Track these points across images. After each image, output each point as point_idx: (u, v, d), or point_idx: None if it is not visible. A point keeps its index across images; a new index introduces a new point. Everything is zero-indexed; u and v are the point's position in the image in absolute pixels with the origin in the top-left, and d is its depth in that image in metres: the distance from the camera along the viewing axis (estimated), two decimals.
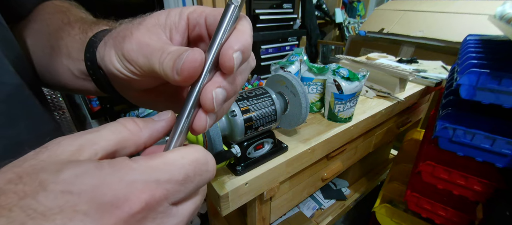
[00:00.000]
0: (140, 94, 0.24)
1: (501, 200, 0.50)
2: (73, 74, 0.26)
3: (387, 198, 0.91)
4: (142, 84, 0.21)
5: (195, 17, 0.19)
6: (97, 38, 0.23)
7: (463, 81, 0.47)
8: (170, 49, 0.16)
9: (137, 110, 1.74)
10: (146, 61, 0.17)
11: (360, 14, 3.02)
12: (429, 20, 1.35)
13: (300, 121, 0.53)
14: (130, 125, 0.15)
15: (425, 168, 0.60)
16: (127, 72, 0.19)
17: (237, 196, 0.47)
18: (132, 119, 0.16)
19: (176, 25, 0.19)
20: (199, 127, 0.17)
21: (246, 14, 1.85)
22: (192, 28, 0.19)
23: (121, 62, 0.19)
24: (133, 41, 0.18)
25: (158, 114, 0.17)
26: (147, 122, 0.16)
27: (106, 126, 0.15)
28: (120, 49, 0.18)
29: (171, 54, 0.16)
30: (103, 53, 0.20)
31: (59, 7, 0.30)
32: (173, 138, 0.16)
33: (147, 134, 0.16)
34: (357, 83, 0.62)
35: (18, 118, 0.23)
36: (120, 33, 0.19)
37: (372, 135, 0.84)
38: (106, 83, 0.24)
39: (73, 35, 0.26)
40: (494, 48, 0.63)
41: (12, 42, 0.24)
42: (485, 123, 0.51)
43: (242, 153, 0.48)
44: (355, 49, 1.66)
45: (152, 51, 0.17)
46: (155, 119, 0.17)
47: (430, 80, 0.90)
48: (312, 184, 0.71)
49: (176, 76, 0.16)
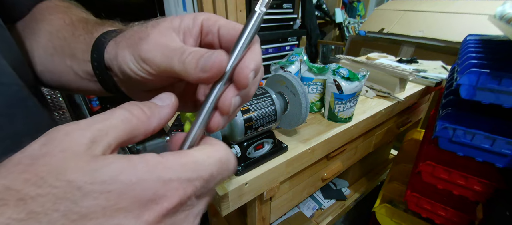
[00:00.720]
0: (146, 94, 0.24)
1: (501, 200, 0.50)
2: (76, 74, 0.26)
3: (387, 198, 0.91)
4: (152, 83, 0.21)
5: (209, 25, 0.20)
6: (106, 39, 0.23)
7: (463, 81, 0.47)
8: (190, 49, 0.18)
9: None
10: (165, 60, 0.18)
11: (360, 14, 3.02)
12: (429, 20, 1.35)
13: (300, 121, 0.53)
14: (137, 112, 0.15)
15: (425, 168, 0.60)
16: (142, 72, 0.19)
17: (237, 196, 0.47)
18: (137, 105, 0.16)
19: (190, 29, 0.20)
20: (215, 126, 0.18)
21: (246, 14, 1.85)
22: (205, 34, 0.20)
23: (136, 63, 0.19)
24: (150, 42, 0.18)
25: (160, 97, 0.17)
26: (153, 108, 0.16)
27: (113, 114, 0.14)
28: (137, 50, 0.19)
29: (193, 54, 0.17)
30: (115, 53, 0.21)
31: (59, 6, 0.30)
32: (193, 130, 0.17)
33: (155, 123, 0.16)
34: (357, 83, 0.62)
35: (17, 118, 0.22)
36: (134, 35, 0.20)
37: (372, 135, 0.84)
38: (112, 83, 0.24)
39: (77, 36, 0.26)
40: (494, 48, 0.63)
41: (10, 43, 0.24)
42: (485, 123, 0.51)
43: (242, 153, 0.48)
44: (355, 49, 1.66)
45: (171, 51, 0.18)
46: (158, 104, 0.17)
47: (430, 80, 0.90)
48: (312, 184, 0.71)
49: (201, 73, 0.17)
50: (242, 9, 1.82)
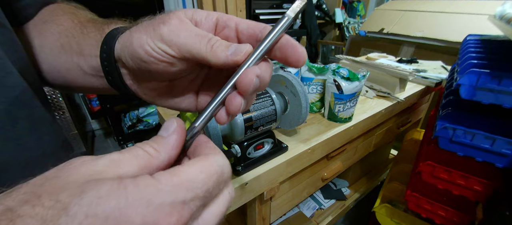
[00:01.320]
0: (150, 90, 0.24)
1: (501, 200, 0.50)
2: (82, 70, 0.27)
3: (387, 198, 0.91)
4: (160, 72, 0.21)
5: (224, 20, 0.21)
6: (119, 31, 0.23)
7: (463, 81, 0.47)
8: (216, 37, 0.19)
9: (137, 110, 1.74)
10: (190, 41, 0.19)
11: (360, 14, 3.02)
12: (429, 20, 1.35)
13: (300, 121, 0.53)
14: (148, 149, 0.15)
15: (425, 168, 0.60)
16: (158, 54, 0.20)
17: (237, 196, 0.47)
18: (147, 143, 0.16)
19: (202, 22, 0.21)
20: (235, 108, 0.19)
21: (246, 14, 1.85)
22: (220, 28, 0.21)
23: (154, 44, 0.19)
24: (172, 25, 0.19)
25: (165, 126, 0.17)
26: (161, 142, 0.16)
27: (128, 151, 0.15)
28: (157, 31, 0.19)
29: (220, 41, 0.19)
30: (129, 38, 0.21)
31: (66, 8, 0.31)
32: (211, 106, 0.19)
33: (166, 156, 0.16)
34: (357, 83, 0.62)
35: (21, 120, 0.23)
36: (153, 22, 0.20)
37: (372, 135, 0.84)
38: (118, 77, 0.24)
39: (86, 33, 0.26)
40: (494, 48, 0.63)
41: (17, 45, 0.25)
42: (485, 123, 0.51)
43: (242, 153, 0.48)
44: (355, 49, 1.66)
45: (197, 35, 0.19)
46: (164, 136, 0.17)
47: (430, 80, 0.90)
48: (312, 184, 0.71)
49: (232, 56, 0.19)
50: (242, 9, 1.82)
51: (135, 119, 1.71)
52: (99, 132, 1.98)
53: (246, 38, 0.21)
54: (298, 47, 0.19)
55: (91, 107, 1.73)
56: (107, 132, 1.96)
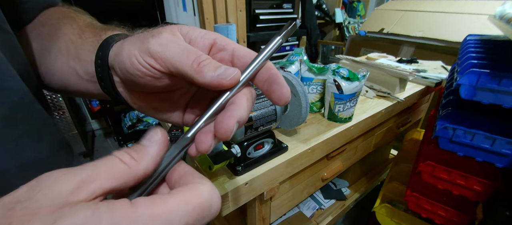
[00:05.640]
0: (142, 98, 0.24)
1: (501, 200, 0.50)
2: (78, 75, 0.27)
3: (387, 198, 0.91)
4: (147, 84, 0.21)
5: (223, 44, 0.21)
6: (114, 39, 0.23)
7: (463, 81, 0.47)
8: (206, 55, 0.19)
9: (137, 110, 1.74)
10: (177, 57, 0.18)
11: (360, 14, 3.02)
12: (429, 20, 1.35)
13: (300, 121, 0.53)
14: (126, 159, 0.15)
15: (425, 168, 0.60)
16: (143, 67, 0.19)
17: (237, 196, 0.47)
18: (126, 152, 0.15)
19: (197, 40, 0.21)
20: (204, 148, 0.18)
21: (246, 14, 1.85)
22: (216, 50, 0.21)
23: (140, 57, 0.19)
24: (162, 39, 0.19)
25: (147, 135, 0.17)
26: (141, 151, 0.16)
27: (103, 161, 0.14)
28: (145, 44, 0.19)
29: (210, 60, 0.18)
30: (120, 48, 0.21)
31: (66, 12, 0.31)
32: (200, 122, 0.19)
33: (144, 165, 0.15)
34: (357, 83, 0.62)
35: (21, 123, 0.23)
36: (145, 34, 0.20)
37: (372, 135, 0.84)
38: (110, 84, 0.24)
39: (84, 38, 0.26)
40: (494, 48, 0.63)
41: (17, 48, 0.25)
42: (485, 123, 0.51)
43: (242, 153, 0.48)
44: (355, 49, 1.66)
45: (187, 51, 0.18)
46: (146, 145, 0.16)
47: (430, 80, 0.90)
48: (312, 184, 0.71)
49: (219, 79, 0.18)
50: (242, 9, 1.82)
51: (135, 119, 1.71)
52: (99, 132, 1.98)
53: (241, 66, 0.20)
54: (285, 87, 0.19)
55: (91, 107, 1.73)
56: (107, 132, 1.96)
